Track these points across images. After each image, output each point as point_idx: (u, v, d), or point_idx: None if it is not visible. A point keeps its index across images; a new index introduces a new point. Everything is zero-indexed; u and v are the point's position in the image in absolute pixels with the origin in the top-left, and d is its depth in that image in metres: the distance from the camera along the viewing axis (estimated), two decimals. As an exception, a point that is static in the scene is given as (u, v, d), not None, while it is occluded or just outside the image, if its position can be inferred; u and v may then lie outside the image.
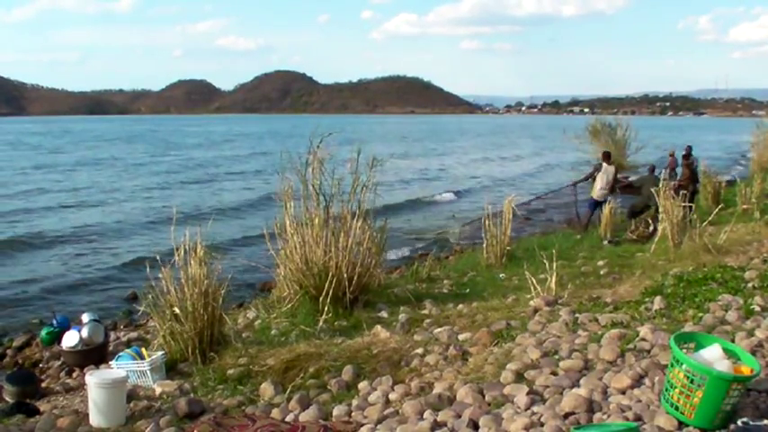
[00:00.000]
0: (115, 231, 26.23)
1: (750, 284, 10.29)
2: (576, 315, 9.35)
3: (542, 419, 5.87)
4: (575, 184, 23.66)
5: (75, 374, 10.37)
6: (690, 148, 29.19)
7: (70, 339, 10.64)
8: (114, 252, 22.38)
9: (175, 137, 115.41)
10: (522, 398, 6.44)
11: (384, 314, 11.02)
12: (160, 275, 9.47)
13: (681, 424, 5.49)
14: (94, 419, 7.42)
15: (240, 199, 35.40)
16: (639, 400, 6.08)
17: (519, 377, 7.16)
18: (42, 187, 39.79)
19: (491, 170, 53.05)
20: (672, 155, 32.85)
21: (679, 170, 26.54)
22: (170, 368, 9.23)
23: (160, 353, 9.18)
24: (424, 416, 6.45)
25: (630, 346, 7.63)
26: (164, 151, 77.76)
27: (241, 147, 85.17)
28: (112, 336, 12.17)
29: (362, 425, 6.55)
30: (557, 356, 7.65)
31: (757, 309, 8.78)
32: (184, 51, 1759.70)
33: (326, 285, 10.72)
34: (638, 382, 6.48)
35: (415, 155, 70.51)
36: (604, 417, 5.88)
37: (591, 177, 21.14)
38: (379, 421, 6.58)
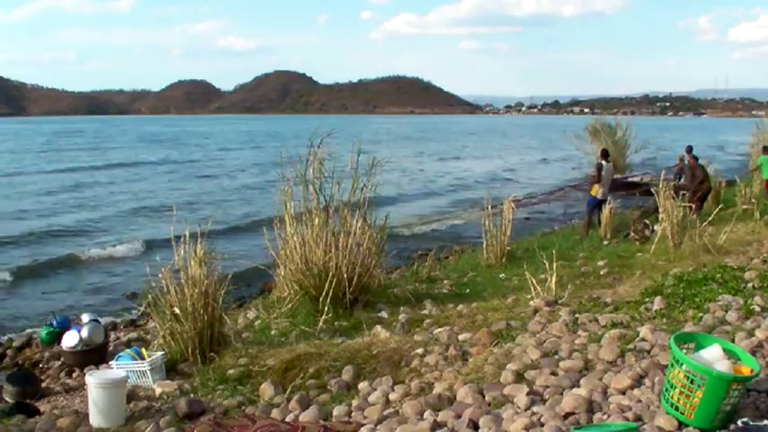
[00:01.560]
0: (116, 230, 26.23)
1: (750, 285, 10.30)
2: (576, 315, 9.36)
3: (542, 420, 5.88)
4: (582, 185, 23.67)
5: (75, 375, 10.36)
6: (690, 148, 29.08)
7: (70, 339, 10.64)
8: (114, 251, 22.36)
9: (196, 138, 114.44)
10: (522, 398, 6.44)
11: (384, 314, 11.04)
12: (160, 275, 9.47)
13: (681, 424, 5.49)
14: (94, 420, 7.43)
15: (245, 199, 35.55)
16: (639, 401, 6.09)
17: (519, 377, 7.17)
18: (48, 188, 39.89)
19: (559, 172, 52.18)
20: (682, 159, 32.78)
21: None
22: (170, 368, 9.22)
23: (160, 353, 9.17)
24: (425, 416, 6.45)
25: (630, 346, 7.64)
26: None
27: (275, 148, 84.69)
28: (112, 336, 12.18)
29: (362, 425, 6.55)
30: (557, 357, 7.66)
31: (757, 309, 8.79)
32: (184, 52, 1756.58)
33: (326, 286, 10.72)
34: (638, 382, 6.49)
35: (464, 156, 70.41)
36: (604, 417, 5.88)
37: (598, 178, 21.06)
38: (380, 421, 6.58)
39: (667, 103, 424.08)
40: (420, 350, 8.71)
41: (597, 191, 20.47)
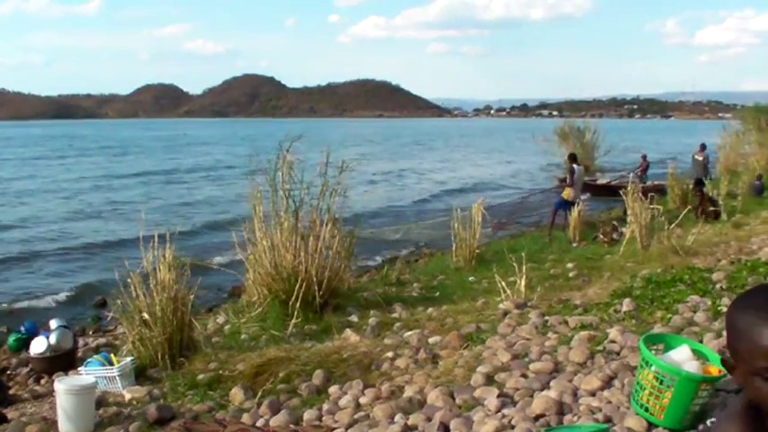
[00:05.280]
0: (85, 236, 26.10)
1: (718, 286, 10.39)
2: (546, 317, 9.39)
3: (513, 422, 5.90)
4: (557, 188, 23.89)
5: (43, 381, 10.28)
6: (704, 146, 29.68)
7: (38, 346, 10.55)
8: (83, 257, 22.26)
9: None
10: (492, 400, 6.46)
11: (354, 318, 11.03)
12: (129, 281, 9.43)
13: (650, 425, 5.53)
14: (63, 426, 7.38)
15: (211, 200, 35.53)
16: (609, 402, 6.12)
17: (489, 380, 7.19)
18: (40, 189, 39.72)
19: (528, 176, 51.32)
20: (644, 158, 33.07)
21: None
22: (139, 374, 9.17)
23: (129, 358, 9.11)
24: (395, 419, 6.45)
25: (600, 347, 7.68)
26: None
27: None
28: (81, 342, 12.09)
29: (333, 429, 6.56)
30: (527, 359, 7.69)
31: (725, 310, 8.84)
32: (152, 55, 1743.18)
33: (296, 289, 10.70)
34: (607, 383, 6.52)
35: (433, 160, 70.36)
36: (574, 418, 5.91)
37: (572, 181, 21.19)
38: (350, 425, 6.59)
39: (635, 106, 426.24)
40: (390, 353, 8.71)
41: (570, 194, 20.57)
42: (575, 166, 20.89)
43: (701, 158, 28.63)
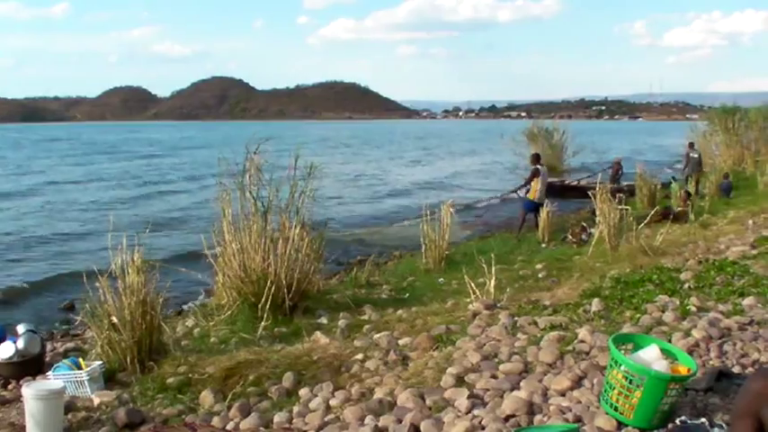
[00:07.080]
0: (53, 239, 25.91)
1: (686, 285, 10.45)
2: (516, 318, 9.39)
3: (483, 423, 5.89)
4: (516, 190, 23.88)
5: (10, 386, 10.18)
6: (692, 144, 30.57)
7: (5, 351, 10.43)
8: (51, 260, 22.10)
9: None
10: (462, 401, 6.45)
11: (324, 320, 11.00)
12: (97, 284, 9.35)
13: (620, 424, 5.55)
14: (32, 432, 7.32)
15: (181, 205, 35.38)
16: (579, 402, 6.13)
17: (459, 381, 7.18)
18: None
19: (497, 177, 51.32)
20: (617, 162, 33.31)
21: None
22: (108, 378, 9.09)
23: (98, 363, 9.03)
24: (365, 421, 6.44)
25: (569, 348, 7.69)
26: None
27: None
28: (49, 346, 11.98)
29: (304, 431, 6.52)
30: (497, 360, 7.69)
31: (693, 309, 8.91)
32: (120, 58, 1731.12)
33: (265, 292, 10.67)
34: (577, 383, 6.53)
35: (402, 161, 70.30)
36: (545, 419, 5.91)
37: (529, 182, 21.18)
38: (321, 428, 6.57)
39: (603, 107, 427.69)
40: (360, 355, 8.69)
41: (535, 194, 20.57)
42: (539, 167, 20.85)
43: (696, 155, 29.46)
